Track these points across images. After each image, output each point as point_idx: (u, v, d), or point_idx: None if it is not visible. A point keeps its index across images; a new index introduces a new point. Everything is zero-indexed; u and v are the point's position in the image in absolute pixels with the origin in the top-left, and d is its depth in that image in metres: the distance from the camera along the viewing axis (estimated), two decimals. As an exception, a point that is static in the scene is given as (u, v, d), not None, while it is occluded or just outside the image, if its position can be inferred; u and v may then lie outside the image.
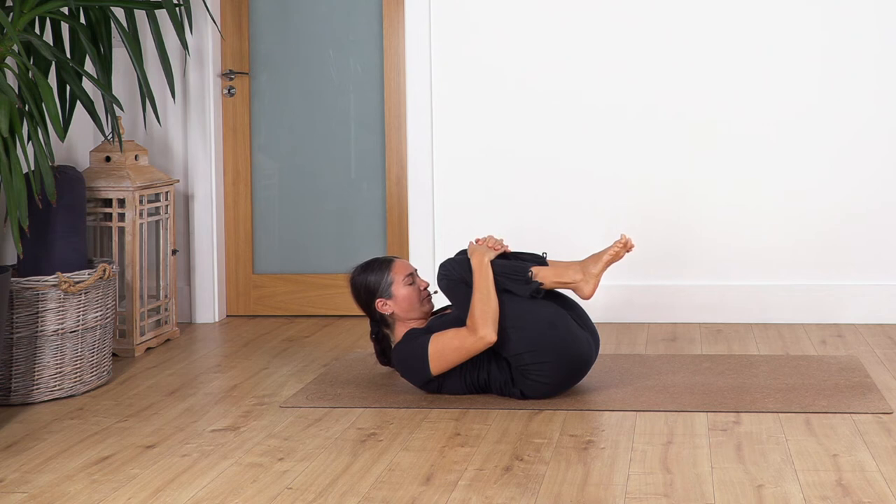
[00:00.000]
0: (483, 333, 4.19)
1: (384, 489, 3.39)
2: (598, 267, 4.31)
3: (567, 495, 3.31)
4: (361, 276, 4.48)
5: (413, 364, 4.29)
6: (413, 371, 4.31)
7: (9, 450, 3.85)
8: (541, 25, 5.75)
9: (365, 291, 4.46)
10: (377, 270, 4.46)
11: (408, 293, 4.42)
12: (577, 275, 4.31)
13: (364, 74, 5.97)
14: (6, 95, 4.12)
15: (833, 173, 5.65)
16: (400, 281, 4.43)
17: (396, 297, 4.42)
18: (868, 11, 5.59)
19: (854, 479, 3.41)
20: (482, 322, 4.20)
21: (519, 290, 4.26)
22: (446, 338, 4.24)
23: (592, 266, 4.32)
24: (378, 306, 4.43)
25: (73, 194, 4.72)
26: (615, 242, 4.32)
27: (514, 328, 4.22)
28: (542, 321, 4.23)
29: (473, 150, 5.84)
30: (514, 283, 4.27)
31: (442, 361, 4.25)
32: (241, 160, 6.04)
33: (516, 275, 4.27)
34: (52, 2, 4.53)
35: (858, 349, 5.09)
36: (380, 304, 4.43)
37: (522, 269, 4.28)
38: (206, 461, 3.68)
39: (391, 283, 4.42)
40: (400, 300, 4.42)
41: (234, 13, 6.01)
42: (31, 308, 4.44)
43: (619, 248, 4.31)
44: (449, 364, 4.26)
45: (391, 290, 4.42)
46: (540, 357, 4.20)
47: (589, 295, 4.32)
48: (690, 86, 5.69)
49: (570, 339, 4.24)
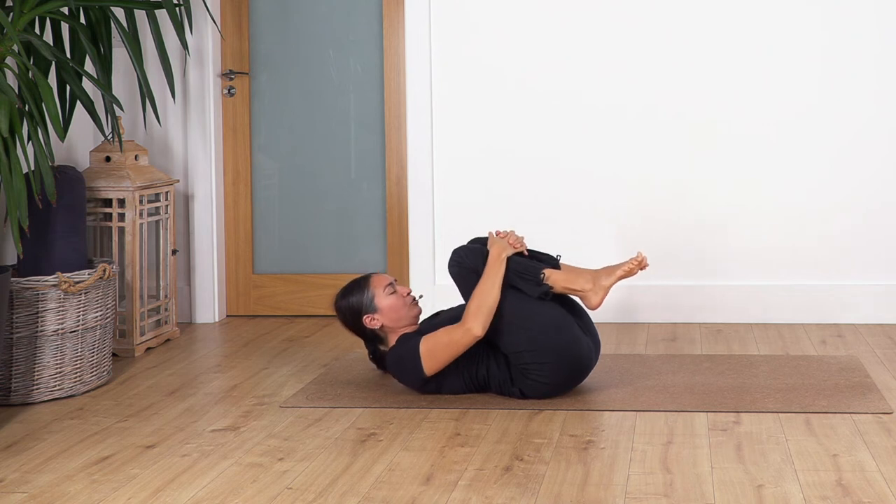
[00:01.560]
0: (470, 325, 4.21)
1: (384, 489, 3.39)
2: (609, 280, 4.34)
3: (567, 495, 3.31)
4: (343, 300, 4.49)
5: (406, 365, 4.29)
6: (407, 372, 4.31)
7: (9, 450, 3.85)
8: (541, 25, 5.75)
9: (350, 313, 4.47)
10: (356, 290, 4.47)
11: (392, 302, 4.43)
12: (587, 284, 4.33)
13: (364, 74, 5.97)
14: (6, 95, 4.12)
15: (833, 173, 5.65)
16: (381, 293, 4.43)
17: (381, 308, 4.42)
18: (868, 11, 5.59)
19: (854, 479, 3.41)
20: (474, 315, 4.21)
21: (529, 289, 4.27)
22: (437, 335, 4.26)
23: (605, 278, 4.34)
24: (366, 323, 4.44)
25: (73, 194, 4.72)
26: (631, 259, 4.33)
27: (520, 326, 4.22)
28: (547, 323, 4.23)
29: (473, 150, 5.84)
30: (525, 283, 4.28)
31: (434, 360, 4.25)
32: (241, 160, 6.04)
33: (528, 274, 4.29)
34: (52, 2, 4.53)
35: (858, 349, 5.09)
36: (367, 320, 4.44)
37: (535, 270, 4.30)
38: (206, 461, 3.68)
39: (373, 297, 4.43)
40: (386, 311, 4.42)
41: (234, 13, 6.01)
42: (31, 308, 4.44)
43: (633, 265, 4.32)
44: (441, 362, 4.26)
45: (374, 304, 4.43)
46: (540, 357, 4.21)
47: (596, 305, 4.34)
48: (690, 86, 5.69)
49: (572, 343, 4.25)
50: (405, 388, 4.47)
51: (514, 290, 4.28)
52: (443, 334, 4.25)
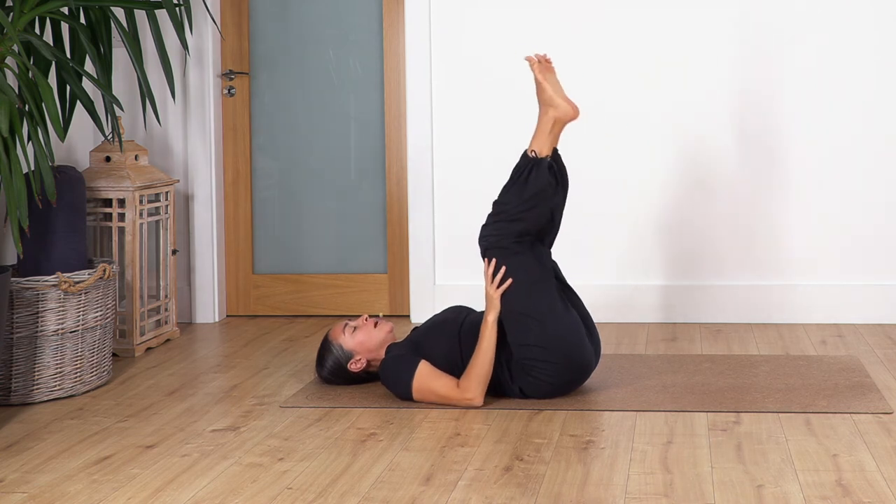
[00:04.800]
0: (472, 396, 4.20)
1: (384, 489, 3.39)
2: (550, 93, 4.25)
3: (567, 495, 3.31)
4: (324, 370, 4.50)
5: (396, 382, 4.28)
6: (395, 388, 4.30)
7: (9, 450, 3.85)
8: (541, 25, 5.75)
9: (336, 373, 4.49)
10: (326, 354, 4.48)
11: (359, 338, 4.43)
12: (554, 113, 4.25)
13: (364, 74, 5.98)
14: (6, 95, 4.12)
15: (833, 173, 5.64)
16: (345, 338, 4.44)
17: (354, 348, 4.43)
18: (867, 12, 5.59)
19: (854, 479, 3.41)
20: (476, 384, 4.21)
21: (541, 177, 4.21)
22: (435, 383, 4.23)
23: (551, 97, 4.25)
24: (353, 369, 4.45)
25: (73, 194, 4.72)
26: (532, 66, 4.28)
27: (536, 321, 4.19)
28: (561, 324, 4.21)
29: (473, 150, 5.84)
30: (537, 179, 4.21)
31: (422, 396, 4.26)
32: (241, 160, 6.04)
33: (522, 164, 4.23)
34: (52, 2, 4.53)
35: (858, 349, 5.09)
36: (353, 366, 4.45)
37: (524, 163, 4.24)
38: (206, 461, 3.68)
39: (341, 346, 4.44)
40: (359, 348, 4.43)
41: (234, 13, 6.01)
42: (31, 308, 4.44)
43: (536, 68, 4.28)
44: (428, 401, 4.26)
45: (347, 350, 4.44)
46: (547, 356, 4.19)
47: (574, 109, 4.25)
48: (686, 86, 5.69)
49: (580, 347, 4.24)
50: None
51: (537, 284, 4.24)
52: (440, 386, 4.22)
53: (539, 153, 4.25)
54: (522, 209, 4.22)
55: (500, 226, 4.25)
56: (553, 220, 4.33)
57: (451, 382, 4.23)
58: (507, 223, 4.24)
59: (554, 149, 4.29)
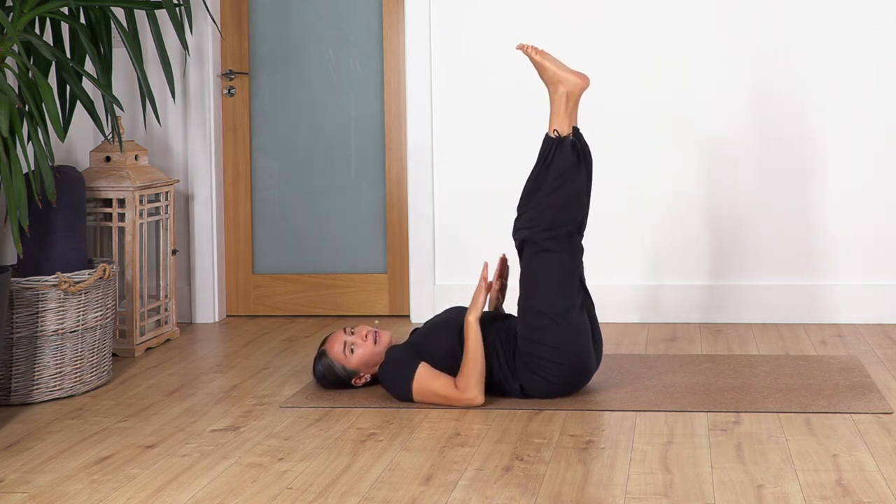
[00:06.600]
0: (471, 395, 4.20)
1: (384, 489, 3.39)
2: (552, 69, 4.25)
3: (567, 495, 3.31)
4: (325, 381, 4.48)
5: (396, 385, 4.28)
6: (395, 390, 4.29)
7: (9, 450, 3.85)
8: (541, 26, 5.75)
9: (338, 387, 4.48)
10: (325, 372, 4.45)
11: (359, 355, 4.42)
12: (564, 88, 4.25)
13: (364, 74, 5.98)
14: (6, 95, 4.12)
15: (833, 172, 5.64)
16: (346, 358, 4.42)
17: (356, 366, 4.43)
18: (868, 12, 5.59)
19: (854, 479, 3.41)
20: (473, 383, 4.21)
21: (565, 156, 4.21)
22: (435, 384, 4.24)
23: (554, 72, 4.25)
24: (357, 384, 4.47)
25: (73, 194, 4.72)
26: (525, 51, 4.29)
27: (553, 321, 4.19)
28: (575, 328, 4.21)
29: (473, 150, 5.84)
30: (561, 159, 4.21)
31: (422, 398, 4.26)
32: (241, 160, 6.04)
33: (544, 147, 4.23)
34: (52, 2, 4.53)
35: (858, 349, 5.09)
36: (357, 382, 4.46)
37: (547, 145, 4.24)
38: (206, 461, 3.68)
39: (344, 366, 4.43)
40: (361, 365, 4.43)
41: (234, 13, 6.01)
42: (31, 308, 4.44)
43: (531, 51, 4.28)
44: (429, 402, 4.26)
45: (349, 370, 4.43)
46: (557, 356, 4.19)
47: (583, 78, 4.25)
48: (686, 86, 5.69)
49: (587, 351, 4.25)
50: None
51: (563, 284, 4.22)
52: (440, 387, 4.23)
53: (561, 132, 4.24)
54: (549, 191, 4.21)
55: (531, 215, 4.24)
56: (581, 202, 4.29)
57: (451, 382, 4.24)
58: (536, 211, 4.23)
59: (575, 128, 4.28)
